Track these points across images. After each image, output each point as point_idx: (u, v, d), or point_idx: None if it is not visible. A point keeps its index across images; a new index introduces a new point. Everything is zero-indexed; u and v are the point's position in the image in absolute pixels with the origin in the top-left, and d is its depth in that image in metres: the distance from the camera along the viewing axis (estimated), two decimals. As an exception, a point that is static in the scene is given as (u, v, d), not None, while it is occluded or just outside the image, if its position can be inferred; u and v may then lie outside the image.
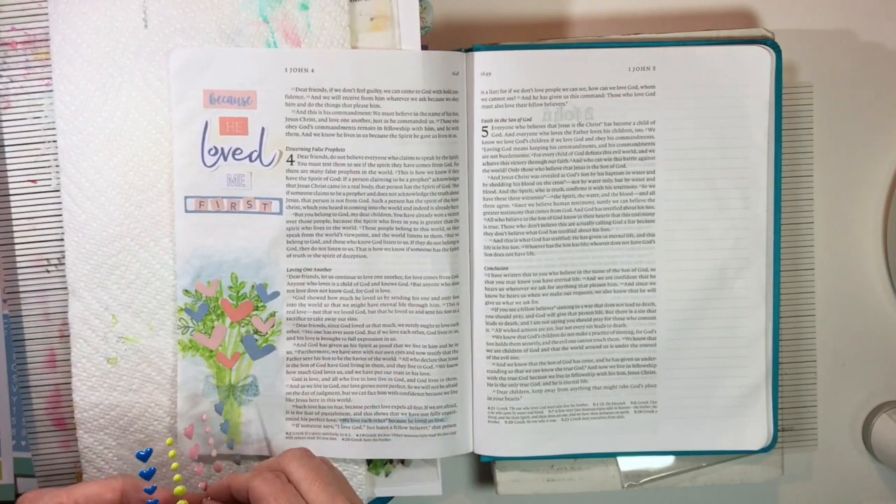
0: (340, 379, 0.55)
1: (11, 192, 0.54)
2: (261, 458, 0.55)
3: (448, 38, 0.58)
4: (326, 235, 0.54)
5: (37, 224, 0.54)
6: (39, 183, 0.54)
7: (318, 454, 0.55)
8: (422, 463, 0.58)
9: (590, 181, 0.55)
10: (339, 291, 0.54)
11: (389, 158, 0.53)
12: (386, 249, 0.54)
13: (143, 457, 0.43)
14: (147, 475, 0.43)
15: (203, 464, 0.54)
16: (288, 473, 0.47)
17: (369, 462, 0.57)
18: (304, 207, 0.53)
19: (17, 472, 0.54)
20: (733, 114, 0.55)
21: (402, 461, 0.57)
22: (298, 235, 0.54)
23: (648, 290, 0.56)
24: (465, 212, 0.55)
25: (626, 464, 0.59)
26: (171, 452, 0.44)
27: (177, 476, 0.44)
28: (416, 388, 0.55)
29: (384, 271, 0.54)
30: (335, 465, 0.51)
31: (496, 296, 0.56)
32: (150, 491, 0.42)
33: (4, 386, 0.54)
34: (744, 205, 0.56)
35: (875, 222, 0.62)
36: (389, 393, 0.56)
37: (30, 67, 0.53)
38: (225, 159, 0.53)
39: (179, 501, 0.43)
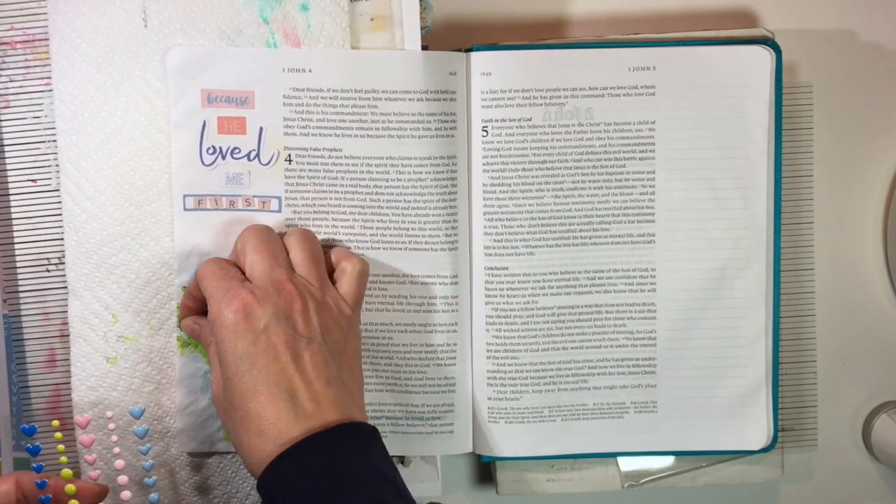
0: (338, 377, 0.55)
1: (11, 191, 0.54)
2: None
3: (448, 38, 0.58)
4: (325, 233, 0.54)
5: (36, 223, 0.54)
6: (39, 182, 0.54)
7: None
8: (421, 463, 0.58)
9: (590, 181, 0.55)
10: (338, 289, 0.54)
11: (387, 158, 0.53)
12: (384, 248, 0.54)
13: (33, 451, 0.49)
14: (38, 469, 0.48)
15: (96, 454, 0.54)
16: (240, 246, 0.50)
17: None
18: (303, 206, 0.53)
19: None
20: (733, 114, 0.55)
21: (402, 461, 0.57)
22: (297, 233, 0.54)
23: (648, 290, 0.56)
24: (464, 212, 0.55)
25: (626, 464, 0.59)
26: (58, 435, 0.49)
27: (63, 458, 0.48)
28: (412, 386, 0.55)
29: (382, 269, 0.54)
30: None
31: (496, 296, 0.56)
32: (41, 485, 0.47)
33: (5, 386, 0.54)
34: (744, 205, 0.56)
35: (875, 222, 0.62)
36: (387, 390, 0.56)
37: (29, 67, 0.53)
38: (223, 158, 0.53)
39: (67, 486, 0.48)
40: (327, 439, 0.44)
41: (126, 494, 0.52)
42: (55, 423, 0.50)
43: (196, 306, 0.52)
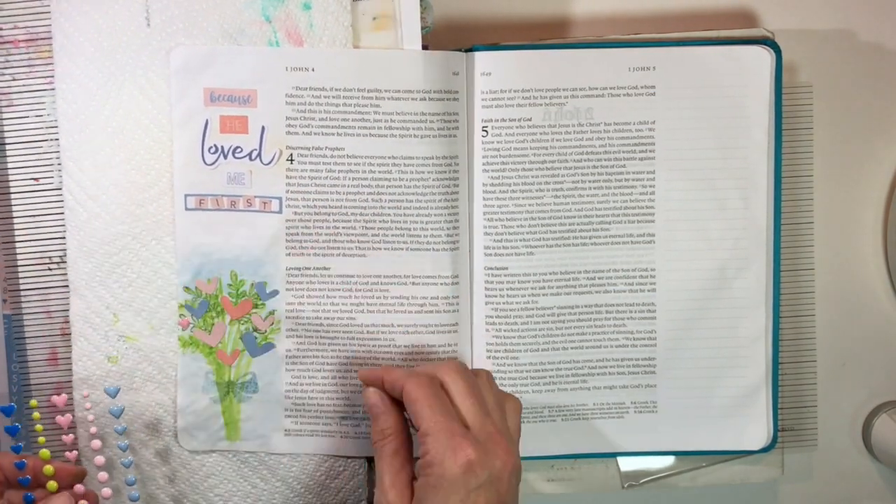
0: (339, 377, 0.55)
1: (13, 190, 0.54)
2: (258, 454, 0.55)
3: (448, 38, 0.58)
4: (326, 234, 0.54)
5: (39, 222, 0.54)
6: (41, 181, 0.54)
7: (317, 452, 0.56)
8: (422, 462, 0.58)
9: (590, 181, 0.55)
10: (339, 290, 0.54)
11: (389, 158, 0.53)
12: (385, 249, 0.54)
13: (11, 431, 0.49)
14: (16, 449, 0.48)
15: (73, 434, 0.53)
16: (444, 383, 0.48)
17: (370, 462, 0.57)
18: (304, 206, 0.54)
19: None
20: (733, 114, 0.55)
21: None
22: (298, 234, 0.54)
23: (648, 290, 0.56)
24: (465, 212, 0.55)
25: (626, 464, 0.59)
26: (35, 415, 0.49)
27: (41, 439, 0.48)
28: (414, 386, 0.55)
29: (383, 270, 0.54)
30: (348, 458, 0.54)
31: (496, 296, 0.56)
32: (20, 466, 0.47)
33: (4, 386, 0.54)
34: (743, 205, 0.56)
35: (875, 222, 0.62)
36: (388, 391, 0.56)
37: (32, 65, 0.53)
38: (225, 157, 0.53)
39: (45, 466, 0.48)
40: None
41: (106, 491, 0.52)
42: (33, 402, 0.50)
43: (382, 388, 0.50)
